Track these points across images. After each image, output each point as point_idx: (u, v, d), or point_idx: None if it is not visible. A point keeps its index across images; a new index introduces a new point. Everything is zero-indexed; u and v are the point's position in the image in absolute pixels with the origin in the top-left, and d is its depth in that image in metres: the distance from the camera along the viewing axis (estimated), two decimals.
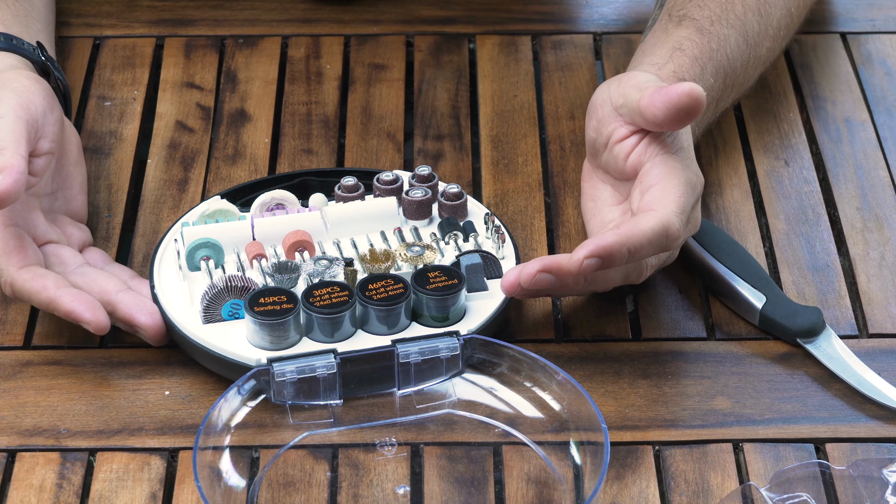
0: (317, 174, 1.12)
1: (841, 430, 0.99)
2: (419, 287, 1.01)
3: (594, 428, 0.94)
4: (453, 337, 1.00)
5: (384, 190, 1.09)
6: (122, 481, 0.96)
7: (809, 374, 1.03)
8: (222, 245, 1.04)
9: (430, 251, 1.04)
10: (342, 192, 1.08)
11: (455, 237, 1.06)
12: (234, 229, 1.05)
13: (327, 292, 1.00)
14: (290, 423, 0.98)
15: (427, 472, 0.96)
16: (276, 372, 0.97)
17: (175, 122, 1.20)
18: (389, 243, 1.06)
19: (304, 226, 1.06)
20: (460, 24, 1.29)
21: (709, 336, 1.05)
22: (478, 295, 1.03)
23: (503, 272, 1.03)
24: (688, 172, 1.01)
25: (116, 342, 1.04)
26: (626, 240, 0.97)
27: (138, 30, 1.28)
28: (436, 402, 1.00)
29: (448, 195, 1.08)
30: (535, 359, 0.98)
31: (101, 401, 1.00)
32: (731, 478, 0.96)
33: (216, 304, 1.01)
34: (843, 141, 1.19)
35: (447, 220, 1.07)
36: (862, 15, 1.30)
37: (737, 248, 1.08)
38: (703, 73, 1.08)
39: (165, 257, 1.05)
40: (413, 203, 1.07)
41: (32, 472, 0.96)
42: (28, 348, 1.04)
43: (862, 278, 1.09)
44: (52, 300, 0.99)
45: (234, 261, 1.05)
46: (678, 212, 0.98)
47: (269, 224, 1.06)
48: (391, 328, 1.01)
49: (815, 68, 1.26)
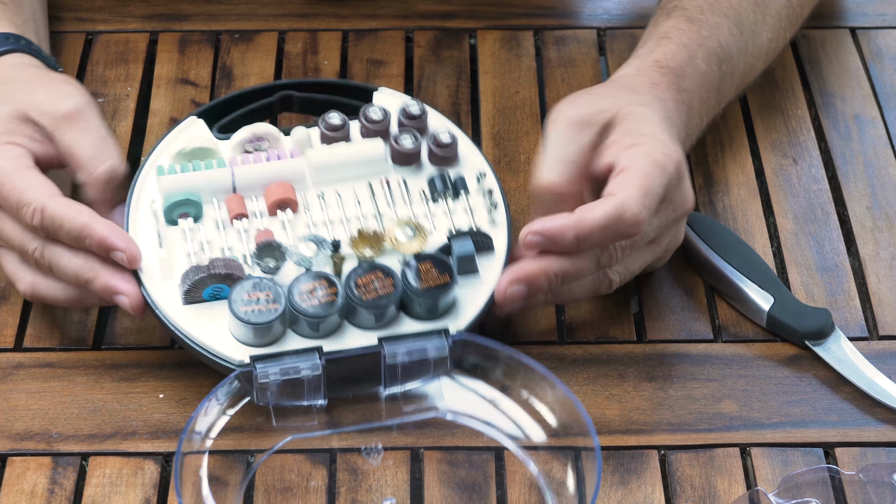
0: (297, 87, 1.08)
1: (850, 434, 0.99)
2: (410, 285, 0.98)
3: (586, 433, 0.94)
4: (442, 337, 0.98)
5: (371, 130, 1.05)
6: (116, 486, 0.96)
7: (818, 376, 1.03)
8: (201, 197, 1.01)
9: (421, 236, 1.00)
10: (326, 131, 1.05)
11: (446, 194, 1.03)
12: (214, 178, 1.02)
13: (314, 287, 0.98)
14: (273, 427, 0.98)
15: (427, 477, 0.96)
16: (259, 374, 0.96)
17: (169, 119, 1.20)
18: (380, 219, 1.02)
19: (288, 174, 1.03)
20: (461, 19, 1.29)
21: (715, 338, 1.05)
22: (468, 282, 1.00)
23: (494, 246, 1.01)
24: (653, 153, 0.99)
25: (109, 344, 1.04)
26: (575, 224, 0.96)
27: (131, 24, 1.28)
28: (423, 405, 0.99)
29: (439, 142, 1.05)
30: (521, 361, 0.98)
31: (93, 404, 1.00)
32: (739, 483, 0.96)
33: (197, 289, 0.99)
34: (852, 138, 1.19)
35: (439, 176, 1.04)
36: (872, 10, 1.30)
37: (744, 247, 1.08)
38: (693, 59, 1.08)
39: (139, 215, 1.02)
40: (402, 154, 1.04)
41: (23, 478, 0.96)
42: (19, 350, 1.04)
43: (872, 279, 1.09)
44: (86, 225, 0.97)
45: (213, 217, 1.02)
46: (639, 196, 0.97)
47: (250, 173, 1.02)
48: (378, 322, 0.99)
49: (823, 64, 1.26)
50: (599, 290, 1.02)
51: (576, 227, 0.96)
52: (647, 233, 1.00)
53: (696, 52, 1.08)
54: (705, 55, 1.09)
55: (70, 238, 0.98)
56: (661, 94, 1.05)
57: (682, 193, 1.00)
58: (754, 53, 1.14)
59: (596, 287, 1.01)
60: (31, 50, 1.08)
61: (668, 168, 0.99)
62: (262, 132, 1.04)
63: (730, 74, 1.12)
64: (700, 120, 1.10)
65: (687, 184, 1.01)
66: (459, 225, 1.02)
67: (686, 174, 1.01)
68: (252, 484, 0.96)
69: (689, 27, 1.10)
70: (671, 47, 1.08)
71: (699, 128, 1.10)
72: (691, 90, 1.07)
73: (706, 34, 1.10)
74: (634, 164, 0.98)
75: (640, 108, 1.02)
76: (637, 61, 1.08)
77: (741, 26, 1.12)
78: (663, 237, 1.02)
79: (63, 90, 1.03)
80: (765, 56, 1.16)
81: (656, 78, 1.06)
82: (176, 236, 1.01)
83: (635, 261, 1.02)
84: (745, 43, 1.13)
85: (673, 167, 0.99)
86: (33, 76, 1.05)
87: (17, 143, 1.01)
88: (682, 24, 1.10)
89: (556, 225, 0.96)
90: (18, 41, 1.08)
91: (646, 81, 1.06)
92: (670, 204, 1.00)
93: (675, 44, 1.08)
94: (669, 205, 1.00)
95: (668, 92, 1.05)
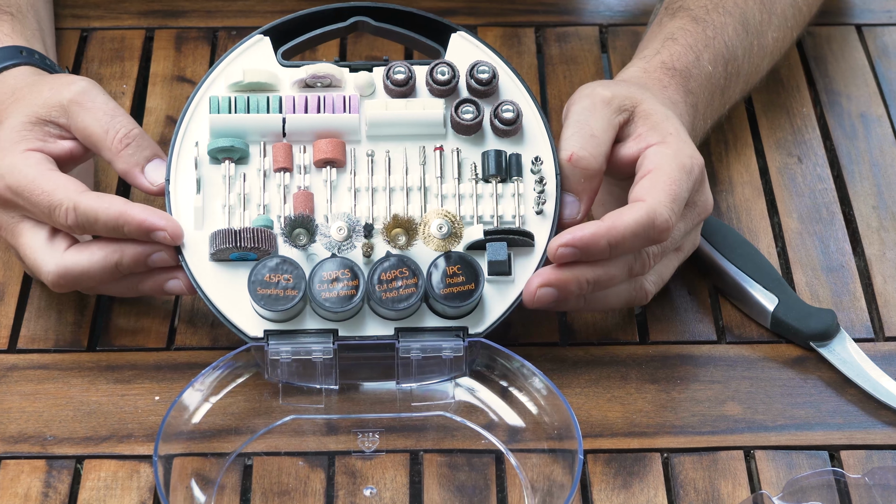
0: (373, 12, 1.05)
1: (856, 436, 0.99)
2: (432, 288, 0.98)
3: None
4: (459, 337, 0.98)
5: (437, 90, 1.03)
6: (111, 490, 0.96)
7: (823, 378, 1.02)
8: (248, 139, 1.01)
9: (455, 235, 0.98)
10: (391, 84, 1.03)
11: (497, 175, 1.01)
12: (265, 122, 1.02)
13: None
14: (279, 405, 0.99)
15: (426, 480, 0.96)
16: (270, 350, 0.97)
17: (165, 118, 1.20)
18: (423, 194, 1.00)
19: (341, 128, 1.02)
20: (461, 16, 1.28)
21: (719, 339, 1.05)
22: (498, 282, 0.99)
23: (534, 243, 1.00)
24: (680, 156, 1.00)
25: (104, 346, 1.04)
26: (607, 231, 0.96)
27: (127, 21, 1.28)
28: (431, 403, 0.99)
29: (502, 118, 1.02)
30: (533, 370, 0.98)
31: (88, 406, 1.00)
32: (743, 486, 0.96)
33: (223, 252, 0.99)
34: (858, 137, 1.19)
35: (494, 153, 1.01)
36: (878, 6, 1.30)
37: (748, 247, 1.08)
38: (699, 60, 1.08)
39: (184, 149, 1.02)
40: (461, 125, 1.02)
41: (17, 481, 0.96)
42: (13, 352, 1.04)
43: (878, 279, 1.09)
44: (122, 213, 0.99)
45: (257, 164, 1.01)
46: (668, 201, 0.97)
47: (302, 121, 1.02)
48: (398, 315, 0.99)
49: (829, 61, 1.26)
50: (635, 300, 1.02)
51: (607, 235, 0.96)
52: (675, 238, 1.00)
53: (701, 53, 1.08)
54: (711, 56, 1.09)
55: (107, 229, 0.99)
56: (673, 97, 1.05)
57: (704, 197, 1.01)
58: (759, 53, 1.14)
59: (631, 297, 1.01)
60: (45, 64, 1.10)
61: (694, 172, 0.99)
62: (324, 72, 1.03)
63: (735, 75, 1.12)
64: (704, 122, 1.10)
65: (707, 187, 1.02)
66: (503, 213, 1.00)
67: (706, 177, 1.01)
68: (249, 487, 0.96)
69: (694, 28, 1.10)
70: (677, 48, 1.08)
71: (703, 130, 1.10)
72: (697, 92, 1.07)
73: (711, 34, 1.10)
74: (662, 166, 0.98)
75: (661, 107, 1.02)
76: (643, 62, 1.07)
77: (747, 26, 1.12)
78: (686, 242, 1.03)
79: (65, 80, 1.05)
80: (770, 56, 1.16)
81: (665, 80, 1.06)
82: (216, 177, 1.01)
83: (666, 267, 1.02)
84: (751, 43, 1.13)
85: (698, 170, 1.00)
86: (38, 81, 1.06)
87: (35, 149, 1.02)
88: (688, 25, 1.10)
89: (587, 234, 0.96)
90: (32, 55, 1.09)
91: (656, 83, 1.06)
92: (694, 208, 1.01)
93: (680, 45, 1.08)
94: (694, 209, 1.01)
95: (678, 94, 1.06)
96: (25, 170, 1.00)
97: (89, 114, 1.02)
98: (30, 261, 1.01)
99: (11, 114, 1.03)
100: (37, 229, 1.01)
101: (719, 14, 1.11)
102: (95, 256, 1.00)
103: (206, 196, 1.01)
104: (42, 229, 1.01)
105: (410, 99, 1.03)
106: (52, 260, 1.00)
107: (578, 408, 0.99)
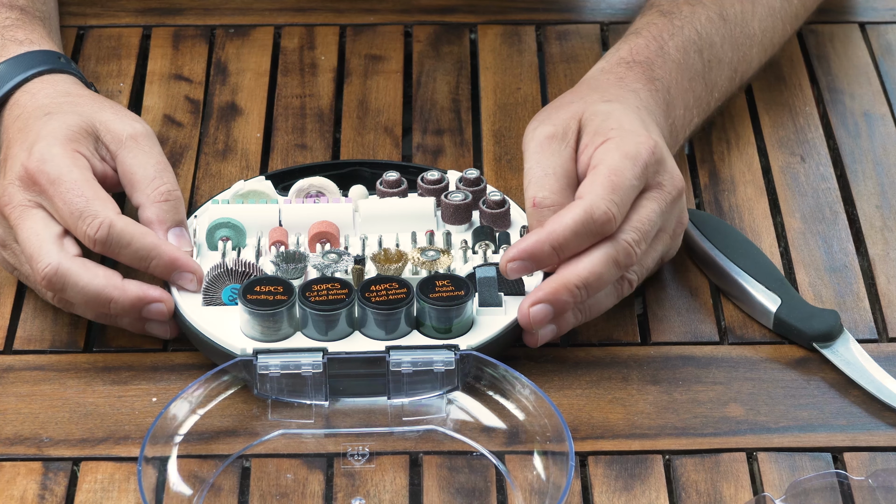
0: (370, 165, 1.12)
1: (859, 438, 0.99)
2: (422, 294, 0.99)
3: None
4: (451, 350, 0.98)
5: (427, 189, 1.08)
6: (108, 492, 0.95)
7: (826, 379, 1.02)
8: (245, 228, 1.05)
9: (446, 257, 1.02)
10: (383, 188, 1.08)
11: (486, 247, 1.04)
12: (262, 212, 1.06)
13: (326, 288, 0.99)
14: (262, 423, 0.99)
15: (426, 482, 0.96)
16: (259, 364, 0.98)
17: (163, 116, 1.20)
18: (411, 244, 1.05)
19: (334, 217, 1.06)
20: (461, 14, 1.29)
21: (721, 340, 1.05)
22: (490, 310, 1.01)
23: (525, 290, 1.02)
24: (623, 146, 1.01)
25: (101, 347, 1.04)
26: (548, 236, 0.98)
27: (124, 19, 1.28)
28: (421, 417, 0.99)
29: (490, 203, 1.06)
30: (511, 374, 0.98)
31: (85, 408, 1.00)
32: (745, 488, 0.96)
33: (216, 287, 1.01)
34: (861, 135, 1.19)
35: (482, 228, 1.06)
36: (881, 4, 1.30)
37: (750, 247, 1.07)
38: (663, 48, 1.10)
39: None
40: (450, 206, 1.06)
41: (13, 483, 0.96)
42: (9, 353, 1.04)
43: (881, 279, 1.08)
44: (155, 245, 1.01)
45: (254, 245, 1.05)
46: (605, 193, 0.98)
47: (297, 211, 1.06)
48: (389, 333, 1.00)
49: (832, 59, 1.26)
50: (623, 294, 1.03)
51: (549, 239, 0.98)
52: (652, 221, 1.00)
53: (666, 42, 1.10)
54: (679, 43, 1.10)
55: (135, 257, 1.00)
56: (632, 86, 1.07)
57: (667, 175, 1.02)
58: (745, 42, 1.15)
59: (619, 292, 1.02)
60: (83, 77, 1.11)
61: (642, 156, 1.00)
62: (320, 185, 1.09)
63: (717, 61, 1.12)
64: (686, 109, 1.11)
65: (670, 164, 1.02)
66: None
67: (666, 155, 1.02)
68: (247, 489, 0.96)
69: (660, 20, 1.12)
70: (639, 41, 1.10)
71: (690, 117, 1.11)
72: (665, 78, 1.09)
73: (679, 24, 1.11)
74: (603, 160, 1.00)
75: (605, 105, 1.04)
76: (602, 62, 1.10)
77: (724, 15, 1.14)
78: (668, 223, 1.03)
79: (127, 114, 1.07)
80: (760, 46, 1.17)
81: (622, 73, 1.08)
82: (216, 255, 1.05)
83: (648, 255, 1.02)
84: (731, 31, 1.14)
85: (647, 153, 1.00)
86: (98, 99, 1.08)
87: (84, 155, 1.03)
88: (655, 19, 1.12)
89: (530, 243, 0.98)
90: (70, 64, 1.11)
91: (611, 79, 1.08)
92: (660, 188, 1.01)
93: (643, 38, 1.10)
94: (660, 189, 1.01)
95: (639, 82, 1.07)
96: (71, 167, 1.01)
97: (144, 156, 1.04)
98: (30, 246, 1.00)
99: (68, 112, 1.04)
100: (50, 221, 1.01)
101: (690, 5, 1.13)
102: (97, 280, 0.99)
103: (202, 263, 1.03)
104: (56, 224, 1.01)
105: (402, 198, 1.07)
106: (56, 256, 0.99)
107: (579, 409, 0.99)
